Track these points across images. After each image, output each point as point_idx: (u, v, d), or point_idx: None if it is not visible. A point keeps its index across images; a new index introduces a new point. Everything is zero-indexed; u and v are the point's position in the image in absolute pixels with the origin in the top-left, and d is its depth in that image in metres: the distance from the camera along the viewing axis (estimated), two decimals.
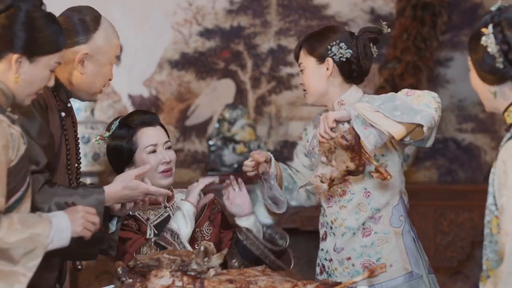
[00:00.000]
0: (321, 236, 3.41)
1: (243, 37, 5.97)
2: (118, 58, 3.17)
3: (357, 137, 3.08)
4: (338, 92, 3.34)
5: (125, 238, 3.21)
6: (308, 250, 5.64)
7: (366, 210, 3.28)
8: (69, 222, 2.61)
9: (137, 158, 3.30)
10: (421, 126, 3.08)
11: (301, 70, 3.38)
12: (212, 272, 2.66)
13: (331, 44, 3.33)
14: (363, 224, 3.28)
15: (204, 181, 3.33)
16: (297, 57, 3.41)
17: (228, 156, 5.61)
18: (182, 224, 3.23)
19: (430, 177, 5.97)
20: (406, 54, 5.78)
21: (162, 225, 3.30)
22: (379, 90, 5.75)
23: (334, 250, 3.32)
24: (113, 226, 3.06)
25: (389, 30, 3.42)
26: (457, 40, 5.99)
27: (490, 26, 2.47)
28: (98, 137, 3.37)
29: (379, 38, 3.41)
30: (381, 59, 5.89)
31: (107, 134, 3.36)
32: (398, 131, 3.08)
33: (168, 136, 3.40)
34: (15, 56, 2.57)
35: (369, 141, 3.07)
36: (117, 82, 5.87)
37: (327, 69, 3.32)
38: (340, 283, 2.69)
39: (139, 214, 3.32)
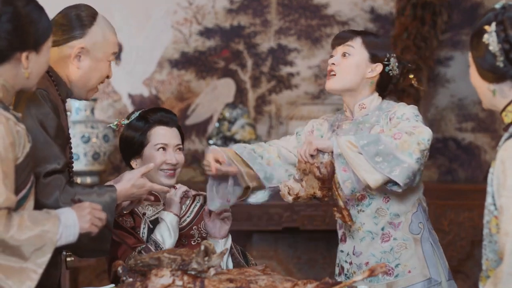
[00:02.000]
0: (339, 237, 3.40)
1: (243, 36, 5.97)
2: (115, 55, 3.18)
3: (331, 172, 3.09)
4: (364, 95, 3.33)
5: (117, 242, 3.22)
6: (308, 249, 5.65)
7: (385, 215, 3.27)
8: (76, 219, 2.63)
9: (145, 153, 3.35)
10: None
11: (344, 53, 3.32)
12: (212, 271, 2.66)
13: (392, 54, 3.34)
14: (382, 229, 3.27)
15: (181, 188, 3.34)
16: (345, 38, 3.33)
17: None
18: (166, 236, 3.27)
19: (430, 176, 5.97)
20: (406, 53, 5.78)
21: (158, 222, 3.33)
22: None
23: (354, 254, 3.32)
24: None
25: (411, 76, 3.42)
26: (457, 39, 5.99)
27: (493, 24, 2.46)
28: (116, 122, 3.42)
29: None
30: None
31: (125, 121, 3.41)
32: (375, 181, 3.07)
33: (183, 140, 3.43)
34: (24, 54, 2.58)
35: (346, 186, 3.09)
36: (117, 81, 5.87)
37: (371, 71, 3.31)
38: (340, 282, 2.68)
39: (137, 209, 3.34)
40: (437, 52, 5.96)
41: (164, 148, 3.35)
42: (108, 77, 3.17)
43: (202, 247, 2.66)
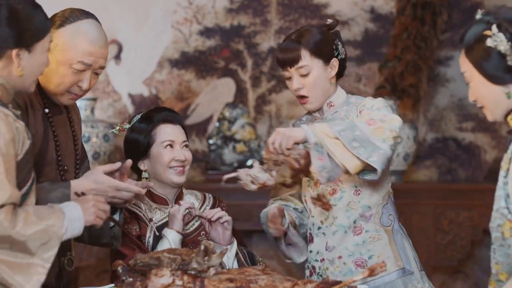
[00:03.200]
0: (308, 238, 3.41)
1: (243, 36, 5.97)
2: (87, 66, 3.01)
3: (309, 162, 3.06)
4: (330, 94, 3.33)
5: (122, 253, 3.21)
6: None
7: (357, 208, 3.28)
8: (81, 212, 2.63)
9: (153, 152, 3.31)
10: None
11: (303, 75, 3.27)
12: (212, 271, 2.66)
13: (335, 43, 3.30)
14: (355, 222, 3.28)
15: (184, 205, 3.26)
16: (296, 60, 3.26)
17: (228, 155, 5.61)
18: None
19: (430, 176, 5.97)
20: (406, 53, 5.79)
21: (165, 226, 3.30)
22: (380, 89, 5.76)
23: (326, 249, 3.32)
24: (116, 217, 3.06)
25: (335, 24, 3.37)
26: (457, 39, 5.96)
27: (494, 27, 2.47)
28: (118, 127, 3.38)
29: None
30: (381, 58, 5.90)
31: (127, 125, 3.37)
32: (354, 166, 3.05)
33: (187, 137, 3.40)
34: (14, 52, 2.58)
35: (322, 175, 3.07)
36: (117, 81, 5.87)
37: (331, 70, 3.30)
38: (340, 282, 2.68)
39: (144, 215, 3.32)
40: (437, 52, 5.95)
41: (171, 145, 3.32)
42: (81, 87, 3.02)
43: (202, 247, 2.66)
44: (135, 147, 3.33)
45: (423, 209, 5.46)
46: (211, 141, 5.66)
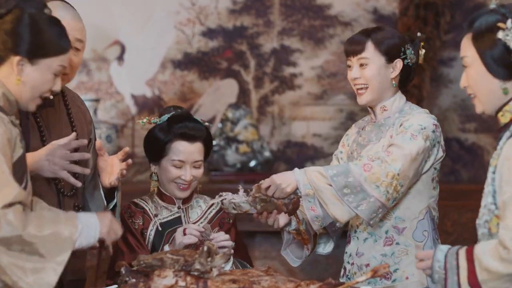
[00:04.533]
0: (347, 239, 3.39)
1: (246, 37, 5.97)
2: None
3: (297, 207, 3.12)
4: (386, 97, 3.29)
5: (121, 250, 3.22)
6: None
7: (390, 219, 3.24)
8: (98, 221, 2.64)
9: (163, 163, 3.31)
10: None
11: (362, 64, 3.25)
12: (215, 272, 2.66)
13: (406, 46, 3.28)
14: (386, 232, 3.25)
15: (187, 240, 3.20)
16: (357, 48, 3.25)
17: (231, 156, 5.61)
18: None
19: None
20: None
21: (170, 224, 3.32)
22: None
23: (356, 255, 3.31)
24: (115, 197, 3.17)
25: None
26: (460, 39, 5.95)
27: (510, 22, 2.47)
28: (145, 120, 3.37)
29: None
30: None
31: (155, 120, 3.36)
32: (342, 216, 3.09)
33: (207, 154, 3.36)
34: (16, 59, 2.56)
35: (315, 223, 3.11)
36: (120, 82, 5.87)
37: (393, 70, 3.27)
38: (343, 283, 2.68)
39: (149, 210, 3.33)
40: (440, 53, 5.95)
41: (180, 165, 3.31)
42: None
43: (205, 248, 2.66)
44: (151, 148, 3.35)
45: None
46: (214, 142, 5.66)
